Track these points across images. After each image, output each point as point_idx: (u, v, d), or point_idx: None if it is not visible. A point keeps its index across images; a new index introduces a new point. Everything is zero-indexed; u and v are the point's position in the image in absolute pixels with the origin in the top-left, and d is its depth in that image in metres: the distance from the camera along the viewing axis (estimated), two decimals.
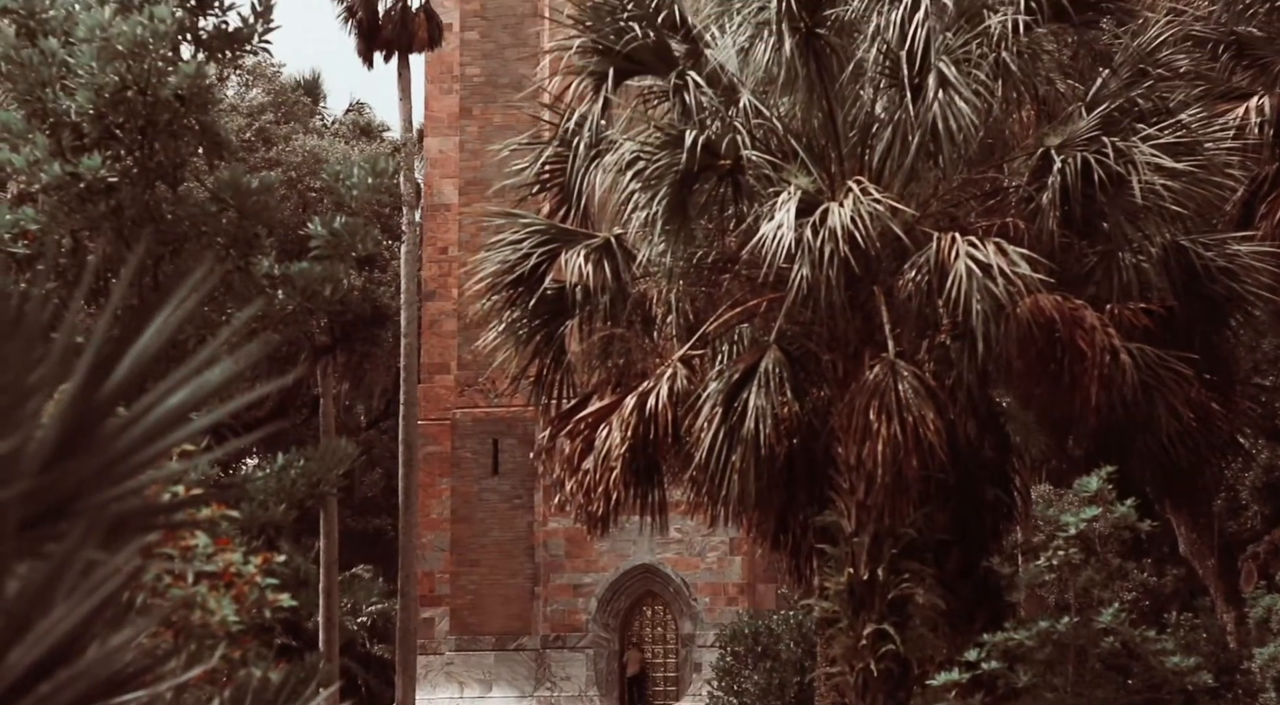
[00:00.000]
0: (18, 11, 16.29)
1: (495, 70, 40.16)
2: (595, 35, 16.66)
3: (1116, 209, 15.45)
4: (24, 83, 15.89)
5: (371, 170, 18.56)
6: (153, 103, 15.85)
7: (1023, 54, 15.65)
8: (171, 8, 15.93)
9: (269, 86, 38.41)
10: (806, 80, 15.90)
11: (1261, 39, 18.45)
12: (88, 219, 16.10)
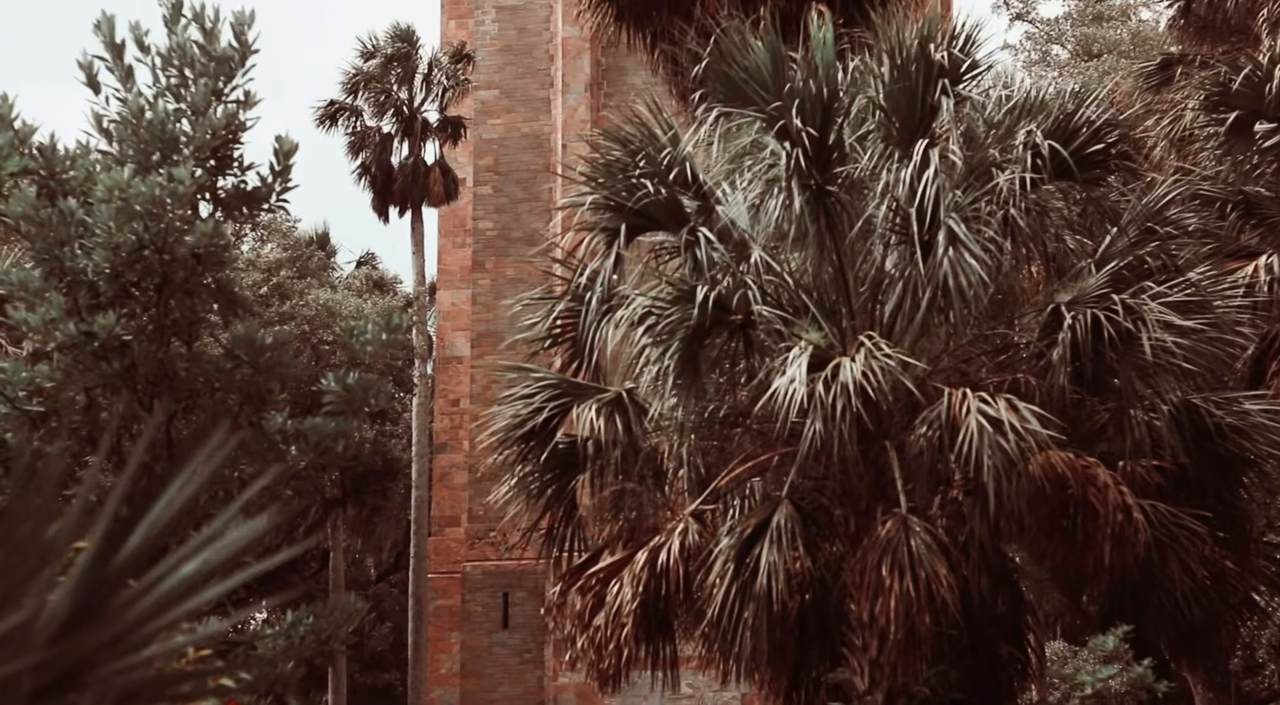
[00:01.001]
0: (38, 172, 16.50)
1: (508, 224, 40.48)
2: (607, 192, 16.82)
3: (1127, 366, 15.48)
4: (42, 242, 16.05)
5: (385, 325, 18.66)
6: (169, 261, 16.01)
7: (1031, 211, 15.77)
8: (191, 168, 16.13)
9: (284, 241, 38.75)
10: (817, 236, 16.02)
11: (1269, 199, 18.63)
12: (102, 377, 16.20)
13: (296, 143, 16.68)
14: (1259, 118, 19.23)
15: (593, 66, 38.84)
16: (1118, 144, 16.14)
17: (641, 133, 16.94)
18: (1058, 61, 49.12)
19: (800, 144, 15.72)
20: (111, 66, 16.25)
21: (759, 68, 16.10)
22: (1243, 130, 19.24)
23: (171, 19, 16.14)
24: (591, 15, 24.74)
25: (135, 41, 16.20)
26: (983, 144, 16.03)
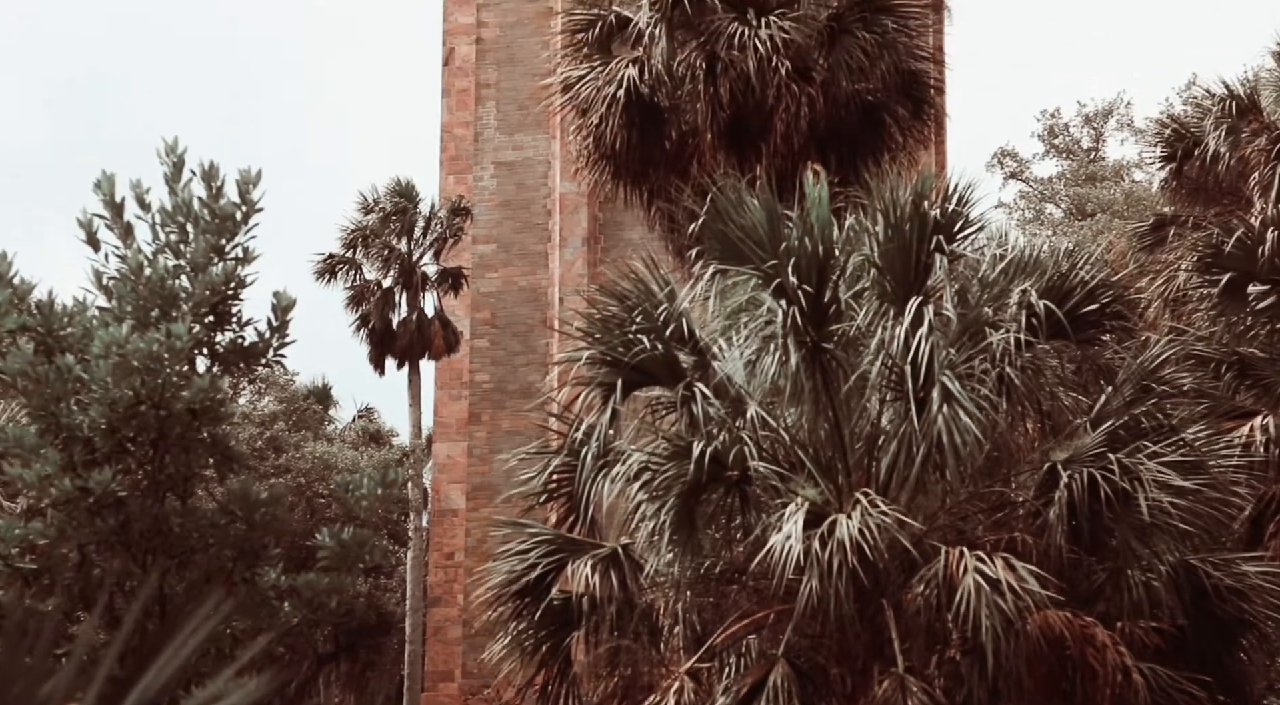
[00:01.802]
0: (36, 328, 16.59)
1: (505, 377, 40.57)
2: (604, 347, 16.88)
3: (1124, 526, 15.45)
4: (39, 398, 16.11)
5: (380, 480, 18.65)
6: (166, 417, 16.05)
7: (1026, 370, 15.82)
8: (189, 324, 16.22)
9: (281, 395, 38.80)
10: (813, 393, 16.05)
11: (1263, 360, 18.73)
12: (96, 533, 16.18)
13: (294, 298, 16.79)
14: (1252, 280, 19.40)
15: (590, 221, 39.12)
16: (1112, 304, 16.24)
17: (638, 288, 17.04)
18: (1052, 220, 49.55)
19: (796, 301, 15.80)
20: (111, 224, 16.39)
21: (755, 226, 16.23)
22: (1236, 292, 19.39)
23: (173, 176, 16.31)
24: (589, 172, 24.98)
25: (136, 199, 16.36)
26: (977, 302, 16.11)
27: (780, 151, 23.07)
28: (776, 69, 22.76)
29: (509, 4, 40.70)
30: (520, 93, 39.45)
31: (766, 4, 23.60)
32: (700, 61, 23.59)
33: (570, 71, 24.54)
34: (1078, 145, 51.98)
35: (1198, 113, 24.39)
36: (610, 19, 24.23)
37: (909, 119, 24.34)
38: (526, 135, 40.28)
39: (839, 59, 23.34)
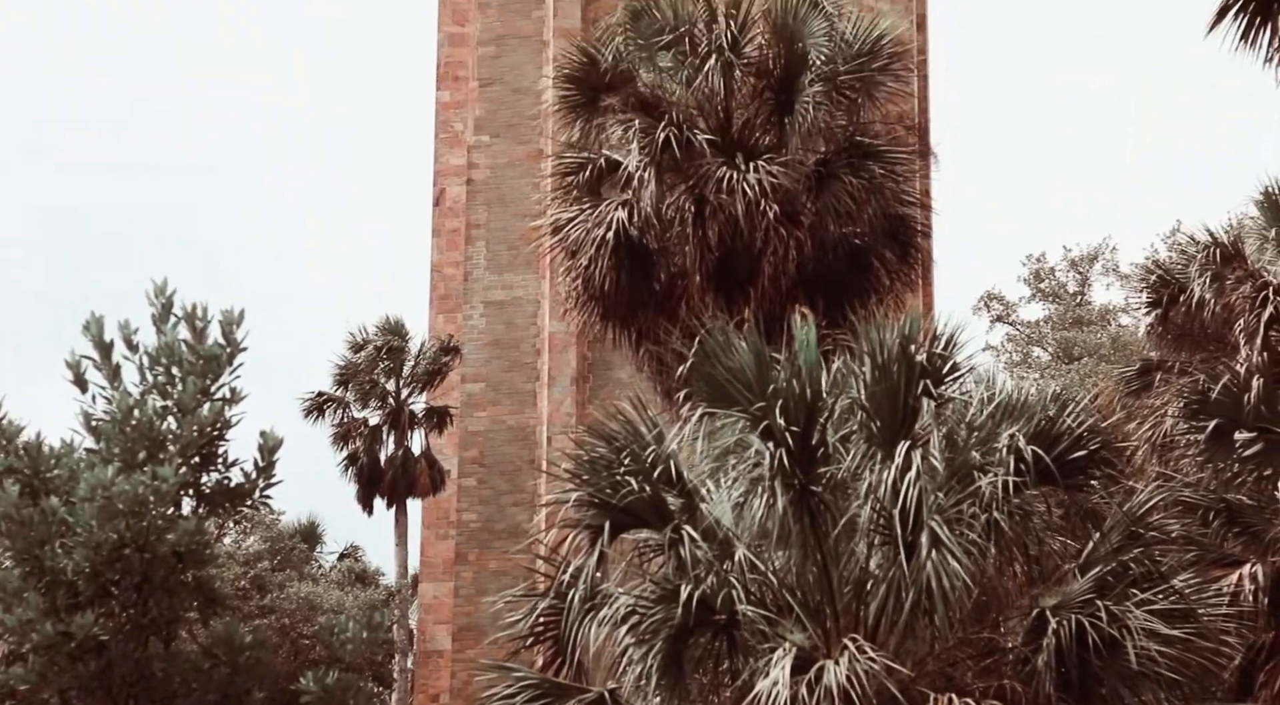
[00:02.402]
0: (23, 470, 16.57)
1: (492, 516, 40.44)
2: (592, 489, 16.85)
3: (1112, 674, 15.36)
4: (22, 541, 16.06)
5: (366, 623, 18.55)
6: (150, 560, 16.01)
7: (1014, 515, 15.81)
8: (175, 466, 16.20)
9: (266, 534, 38.68)
10: (800, 536, 16.03)
11: (1251, 507, 18.74)
12: (77, 678, 16.05)
13: (281, 438, 16.80)
14: (1239, 427, 19.46)
15: (579, 361, 39.20)
16: (1100, 450, 16.26)
17: (626, 430, 17.04)
18: (1039, 363, 49.72)
19: (784, 444, 15.82)
20: (99, 365, 16.42)
21: (743, 368, 16.29)
22: (1223, 438, 19.46)
23: (161, 318, 16.39)
24: (578, 313, 25.09)
25: (124, 341, 16.42)
26: (965, 446, 16.13)
27: (768, 294, 23.20)
28: (765, 213, 22.94)
29: (499, 146, 41.03)
30: (510, 233, 39.67)
31: (754, 148, 23.83)
32: (689, 204, 23.79)
33: (560, 213, 24.73)
34: (1064, 289, 52.30)
35: (1182, 259, 24.60)
36: (600, 162, 24.44)
37: (896, 263, 24.51)
38: (516, 275, 40.47)
39: (827, 203, 23.54)
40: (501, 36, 41.22)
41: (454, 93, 42.20)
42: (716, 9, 24.08)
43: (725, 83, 23.82)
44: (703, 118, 24.15)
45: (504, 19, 41.28)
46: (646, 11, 24.40)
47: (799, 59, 23.90)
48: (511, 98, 40.67)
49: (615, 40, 24.68)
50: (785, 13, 23.93)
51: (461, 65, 42.05)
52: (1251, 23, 17.47)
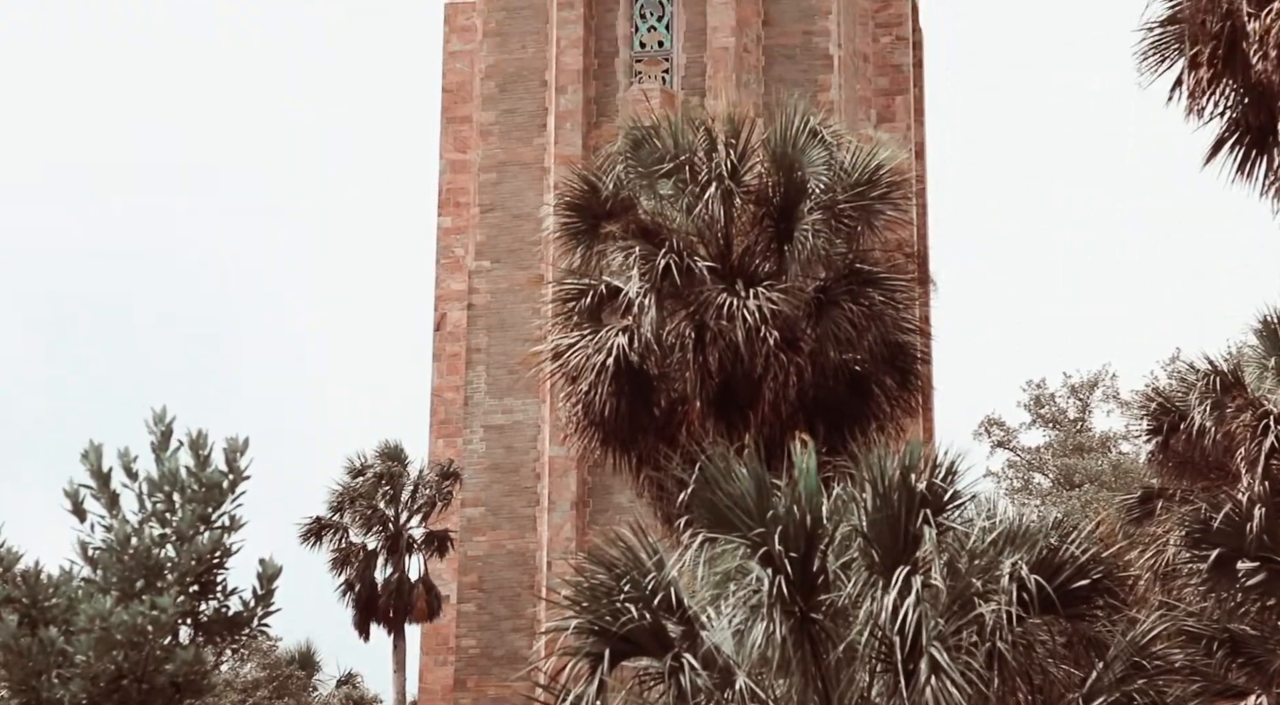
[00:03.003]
0: (20, 600, 16.49)
1: (491, 642, 40.19)
2: (592, 616, 16.75)
3: None
4: (20, 672, 15.94)
5: None
6: (148, 690, 15.88)
7: (1017, 644, 15.71)
8: (174, 596, 16.13)
9: (264, 660, 38.45)
10: (801, 663, 15.92)
11: (1255, 638, 18.63)
12: None
13: (280, 566, 16.74)
14: (1241, 556, 19.40)
15: (579, 485, 39.16)
16: (1102, 579, 16.20)
17: (626, 556, 16.97)
18: (1040, 489, 49.65)
19: (783, 571, 15.76)
20: (98, 494, 16.40)
21: (743, 494, 16.26)
22: (1226, 567, 19.39)
23: (161, 445, 16.40)
24: (578, 438, 25.08)
25: (123, 468, 16.42)
26: (967, 574, 16.06)
27: (769, 420, 23.20)
28: (765, 339, 22.99)
29: (500, 271, 41.23)
30: (511, 357, 39.78)
31: (754, 275, 23.93)
32: (689, 331, 23.84)
33: (561, 339, 24.78)
34: (1064, 415, 52.33)
35: (1182, 387, 24.63)
36: (600, 288, 24.52)
37: (896, 390, 24.53)
38: (516, 399, 40.51)
39: (827, 330, 23.60)
40: (503, 163, 41.54)
41: (455, 218, 42.49)
42: (716, 138, 24.28)
43: (725, 210, 23.96)
44: (703, 245, 24.27)
45: (505, 146, 41.61)
46: (647, 140, 24.60)
47: (798, 187, 24.06)
48: (512, 223, 40.92)
49: (616, 168, 24.86)
50: (784, 142, 24.12)
51: (463, 191, 42.36)
52: (1248, 155, 17.66)
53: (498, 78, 41.81)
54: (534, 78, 41.62)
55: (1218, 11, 16.67)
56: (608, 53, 41.60)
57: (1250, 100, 17.10)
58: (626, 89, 40.80)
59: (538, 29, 41.70)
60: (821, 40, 41.29)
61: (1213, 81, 17.07)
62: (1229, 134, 17.56)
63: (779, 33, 41.37)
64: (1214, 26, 16.72)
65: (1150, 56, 18.36)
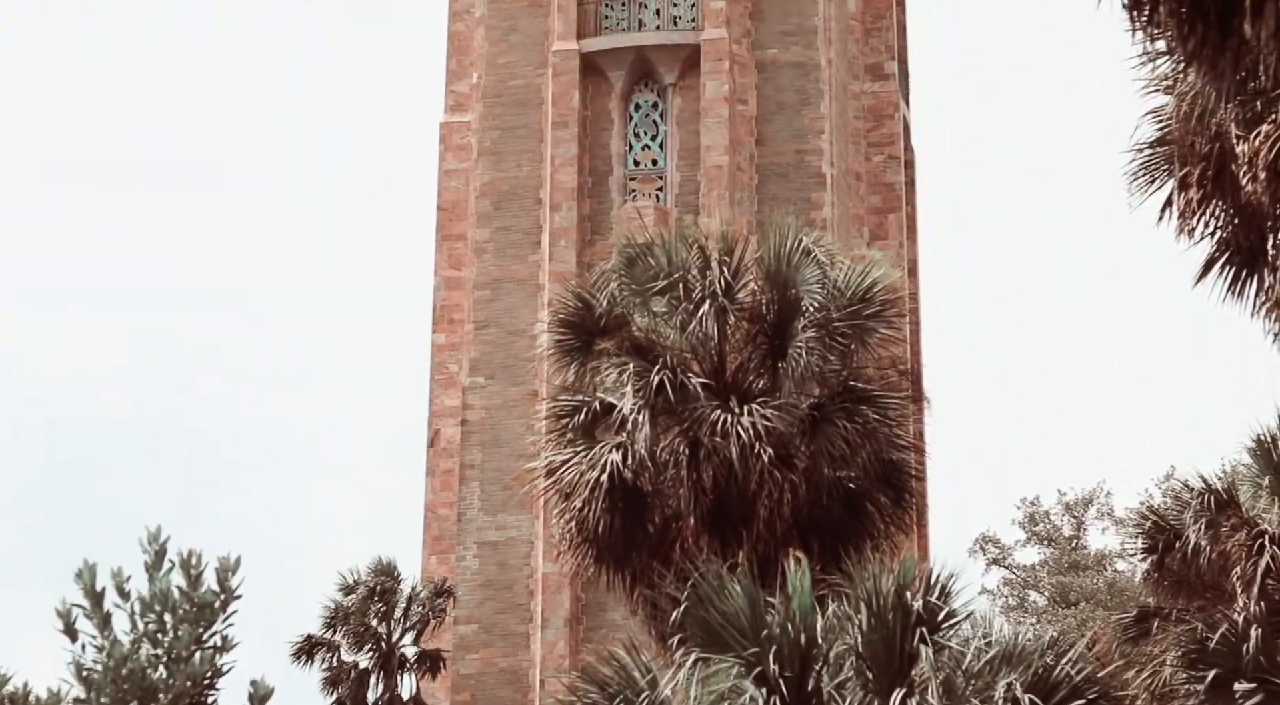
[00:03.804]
0: None
1: None
2: None
3: None
4: None
5: None
6: None
7: None
8: None
9: None
10: None
11: None
12: None
13: (271, 688, 16.56)
14: (1238, 677, 19.32)
15: (572, 602, 38.98)
16: (1098, 700, 16.12)
17: (620, 675, 16.90)
18: (1035, 607, 49.49)
19: (778, 690, 15.69)
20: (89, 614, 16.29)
21: (737, 613, 16.22)
22: (1223, 689, 19.31)
23: (154, 565, 16.33)
24: (572, 555, 25.02)
25: (116, 588, 16.31)
26: (962, 694, 15.99)
27: (763, 537, 23.17)
28: (759, 456, 23.01)
29: (494, 387, 41.28)
30: (504, 473, 39.70)
31: (748, 392, 23.99)
32: (683, 447, 23.86)
33: (554, 455, 24.80)
34: (1059, 533, 52.26)
35: (1177, 505, 24.64)
36: (594, 405, 24.57)
37: (890, 507, 24.52)
38: (510, 516, 40.41)
39: (821, 447, 23.62)
40: (497, 280, 41.71)
41: (449, 335, 42.58)
42: (710, 256, 24.43)
43: (719, 327, 24.07)
44: (697, 362, 24.35)
45: (500, 263, 41.80)
46: (641, 257, 24.75)
47: (792, 305, 24.18)
48: (507, 339, 41.02)
49: (610, 285, 25.00)
50: (778, 260, 24.28)
51: (457, 308, 42.49)
52: (1238, 275, 17.76)
53: (493, 195, 42.09)
54: (529, 195, 41.89)
55: (1206, 133, 16.83)
56: (602, 171, 41.91)
57: (1240, 221, 17.23)
58: (621, 206, 41.05)
59: (533, 148, 42.01)
60: (814, 159, 41.60)
61: (1203, 202, 17.21)
62: (1219, 254, 17.68)
63: (772, 151, 41.69)
64: (1203, 148, 16.88)
65: (1140, 177, 18.54)
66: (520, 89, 42.38)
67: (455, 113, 43.86)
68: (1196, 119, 16.92)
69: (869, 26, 44.57)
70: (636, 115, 42.33)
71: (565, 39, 41.77)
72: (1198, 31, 9.50)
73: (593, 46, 41.92)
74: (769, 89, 41.92)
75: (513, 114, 42.34)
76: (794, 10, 42.14)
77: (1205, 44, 9.59)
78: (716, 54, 41.20)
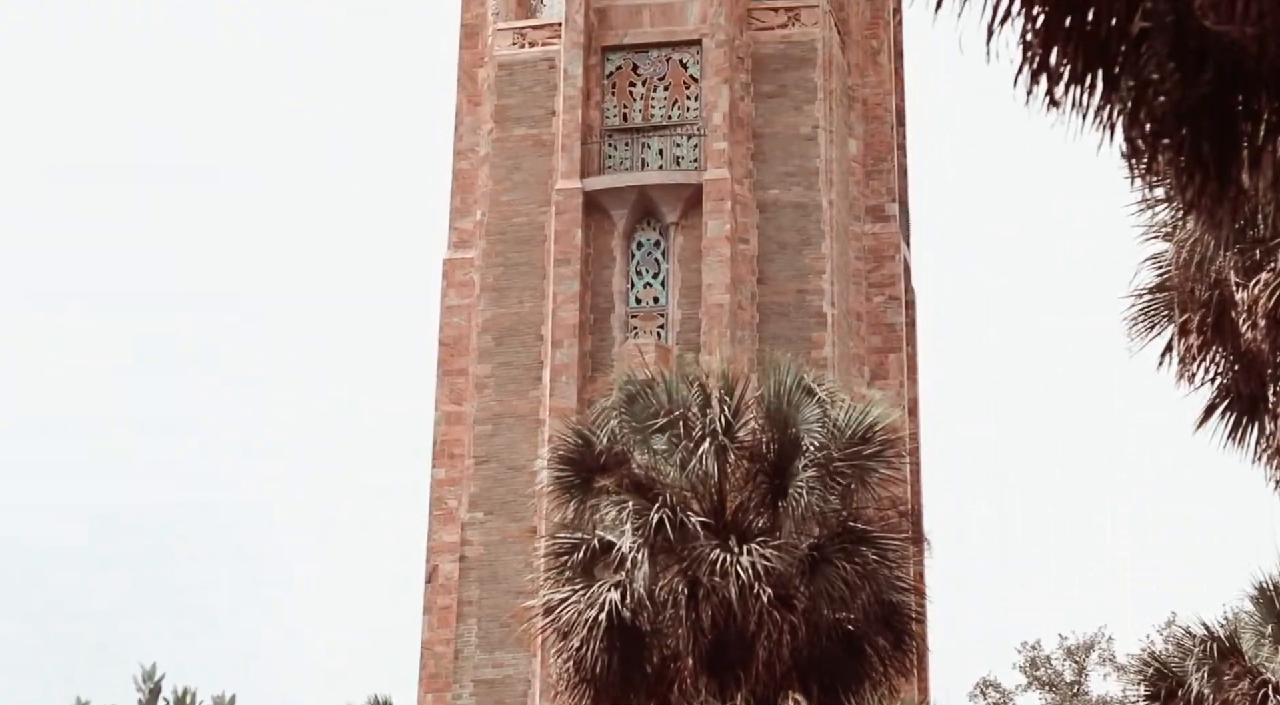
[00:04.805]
0: None
1: None
2: None
3: None
4: None
5: None
6: None
7: None
8: None
9: None
10: None
11: None
12: None
13: None
14: None
15: None
16: None
17: None
18: None
19: None
20: None
21: None
22: None
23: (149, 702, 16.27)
24: (569, 695, 24.80)
25: None
26: None
27: (762, 678, 23.00)
28: (758, 596, 22.89)
29: (493, 523, 41.15)
30: (502, 611, 39.49)
31: (748, 531, 23.92)
32: (682, 587, 23.74)
33: (553, 594, 24.65)
34: (1060, 678, 51.83)
35: (1179, 652, 24.45)
36: (593, 543, 24.48)
37: (890, 649, 24.35)
38: (507, 654, 40.14)
39: (821, 588, 23.51)
40: (498, 415, 41.73)
41: (449, 470, 42.52)
42: (711, 394, 24.46)
43: (719, 466, 24.05)
44: (696, 500, 24.30)
45: (501, 398, 41.85)
46: (642, 395, 24.79)
47: (792, 444, 24.18)
48: (506, 475, 40.95)
49: (610, 422, 25.00)
50: (778, 399, 24.31)
51: (457, 443, 42.47)
52: (1239, 422, 17.76)
53: (495, 331, 42.22)
54: (530, 331, 42.02)
55: (1206, 280, 16.91)
56: (604, 308, 42.08)
57: (1240, 368, 17.25)
58: (622, 343, 41.17)
59: (535, 284, 42.21)
60: (815, 298, 41.79)
61: (1203, 348, 17.25)
62: (1220, 400, 17.68)
63: (773, 290, 41.89)
64: (1203, 294, 16.95)
65: (1140, 322, 18.58)
66: (523, 226, 42.66)
67: (459, 249, 44.13)
68: (1196, 266, 17.00)
69: (870, 168, 44.95)
70: (639, 253, 42.57)
71: (569, 177, 42.11)
72: (1196, 181, 9.58)
73: (596, 185, 42.25)
74: (770, 229, 42.20)
75: (515, 251, 42.58)
76: (796, 152, 42.51)
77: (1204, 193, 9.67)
78: (719, 193, 41.51)
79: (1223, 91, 9.10)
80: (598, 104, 42.89)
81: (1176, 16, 8.83)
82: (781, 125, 42.69)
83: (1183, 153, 9.40)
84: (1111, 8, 9.01)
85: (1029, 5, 9.20)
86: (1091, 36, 9.15)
